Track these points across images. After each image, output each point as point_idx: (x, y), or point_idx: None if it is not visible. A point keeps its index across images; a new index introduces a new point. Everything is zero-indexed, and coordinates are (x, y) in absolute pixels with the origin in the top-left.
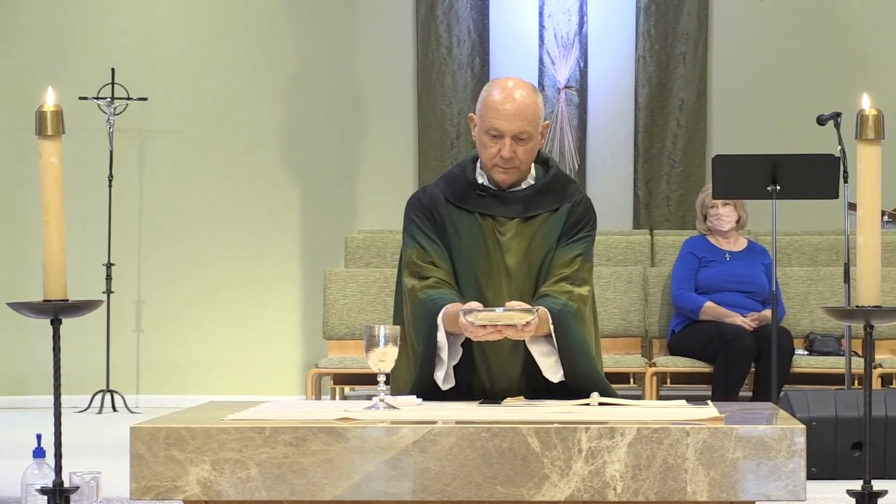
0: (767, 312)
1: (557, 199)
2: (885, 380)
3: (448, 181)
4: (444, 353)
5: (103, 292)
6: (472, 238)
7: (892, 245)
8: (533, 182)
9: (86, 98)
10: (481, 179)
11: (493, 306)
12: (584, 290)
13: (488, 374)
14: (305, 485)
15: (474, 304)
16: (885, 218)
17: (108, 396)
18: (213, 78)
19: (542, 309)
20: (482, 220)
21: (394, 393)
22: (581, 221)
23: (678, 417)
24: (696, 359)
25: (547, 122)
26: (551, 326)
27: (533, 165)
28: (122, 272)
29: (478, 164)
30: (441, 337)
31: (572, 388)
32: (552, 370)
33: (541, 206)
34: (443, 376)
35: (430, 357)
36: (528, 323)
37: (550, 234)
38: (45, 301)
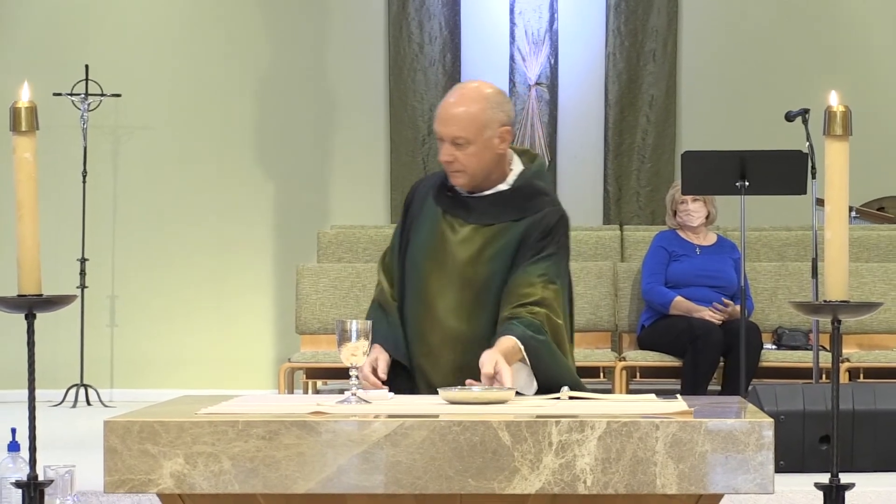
0: (736, 307)
1: (517, 212)
2: (853, 374)
3: (438, 174)
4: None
5: (77, 287)
6: (429, 233)
7: (859, 240)
8: (504, 188)
9: (60, 94)
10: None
11: (432, 303)
12: (546, 311)
13: (424, 372)
14: (278, 478)
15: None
16: (853, 214)
17: (82, 391)
18: (187, 75)
19: (512, 339)
20: (443, 219)
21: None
22: (547, 237)
23: (648, 411)
24: (665, 353)
25: (506, 127)
26: (523, 352)
27: (516, 170)
28: (96, 267)
29: None
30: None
31: (541, 388)
32: (527, 386)
33: (497, 216)
34: None
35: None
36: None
37: (505, 246)
38: (19, 296)
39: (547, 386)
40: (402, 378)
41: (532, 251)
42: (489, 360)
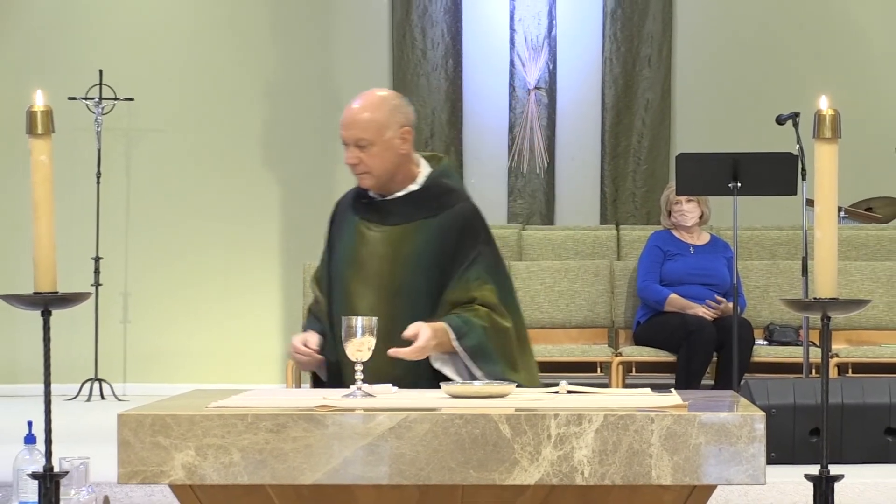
0: (729, 304)
1: (429, 210)
2: (842, 369)
3: (355, 188)
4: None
5: (91, 285)
6: (348, 240)
7: (848, 240)
8: (414, 188)
9: (75, 98)
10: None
11: (355, 305)
12: (497, 315)
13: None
14: (286, 469)
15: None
16: (842, 214)
17: (96, 385)
18: (197, 79)
19: (442, 325)
20: (359, 225)
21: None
22: (467, 239)
23: (643, 405)
24: (660, 349)
25: (406, 128)
26: (455, 343)
27: (424, 172)
28: (110, 265)
29: None
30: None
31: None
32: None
33: (410, 215)
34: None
35: None
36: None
37: (422, 243)
38: (35, 293)
39: (494, 375)
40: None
41: (459, 263)
42: (413, 326)
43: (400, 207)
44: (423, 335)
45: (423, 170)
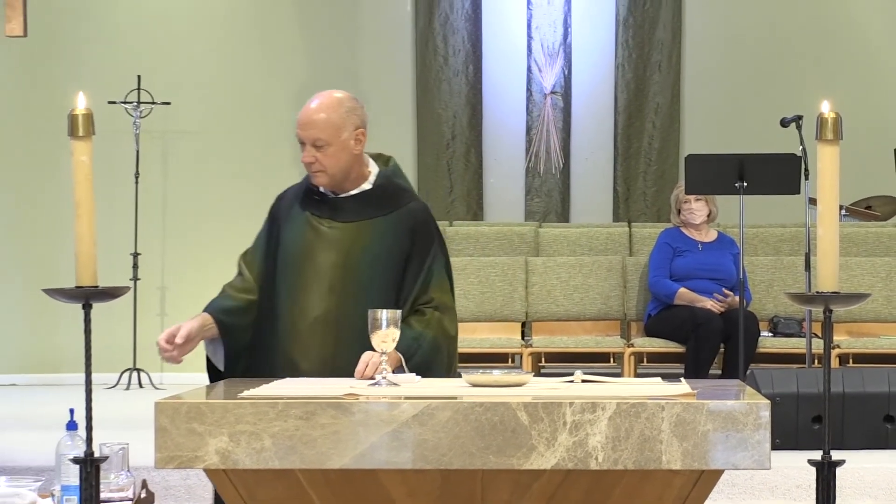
0: (735, 297)
1: (383, 208)
2: (843, 359)
3: (301, 183)
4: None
5: (130, 279)
6: (299, 234)
7: (848, 237)
8: (368, 187)
9: (114, 102)
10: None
11: (305, 298)
12: (440, 315)
13: (291, 357)
14: (315, 455)
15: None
16: (843, 212)
17: (134, 374)
18: (230, 84)
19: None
20: (311, 220)
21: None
22: (425, 244)
23: (654, 393)
24: (670, 340)
25: (360, 129)
26: (404, 365)
27: (374, 171)
28: (148, 261)
29: None
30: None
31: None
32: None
33: (365, 213)
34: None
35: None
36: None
37: (374, 239)
38: (77, 287)
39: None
40: (262, 363)
41: (417, 262)
42: (363, 359)
43: (353, 205)
44: (368, 359)
45: (373, 169)
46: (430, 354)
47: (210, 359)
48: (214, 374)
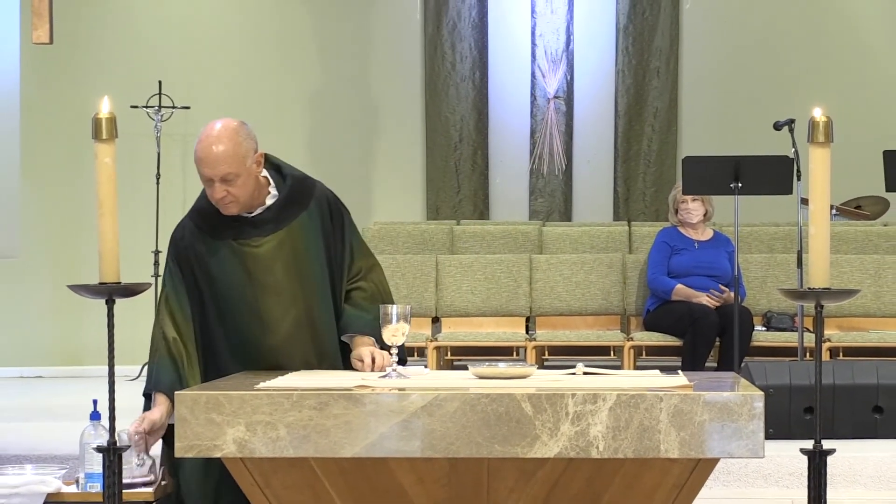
0: (730, 293)
1: (302, 204)
2: (833, 352)
3: (201, 216)
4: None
5: (151, 276)
6: (230, 264)
7: (839, 235)
8: (276, 194)
9: (136, 107)
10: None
11: (266, 313)
12: (375, 275)
13: (269, 353)
14: (328, 444)
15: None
16: (834, 211)
17: None
18: (247, 89)
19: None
20: (238, 246)
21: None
22: (339, 219)
23: (653, 385)
24: (668, 334)
25: (260, 153)
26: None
27: (270, 179)
28: None
29: None
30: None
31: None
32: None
33: (289, 216)
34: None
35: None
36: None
37: (307, 234)
38: (100, 284)
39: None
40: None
41: (338, 236)
42: (366, 354)
43: (275, 214)
44: (376, 360)
45: (264, 172)
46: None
47: None
48: None
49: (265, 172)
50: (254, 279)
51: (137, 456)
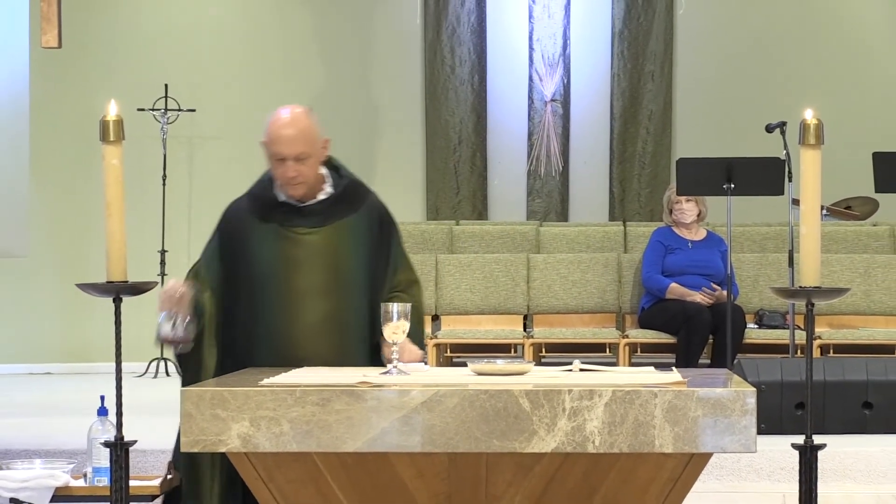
0: (723, 292)
1: (353, 205)
2: (824, 349)
3: (253, 199)
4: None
5: (158, 275)
6: (271, 247)
7: (829, 235)
8: (331, 191)
9: (143, 109)
10: (282, 197)
11: (298, 302)
12: (415, 292)
13: (289, 362)
14: (330, 439)
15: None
16: (824, 212)
17: (161, 363)
18: (251, 92)
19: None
20: (283, 230)
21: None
22: (388, 230)
23: (647, 381)
24: (662, 331)
25: (327, 138)
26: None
27: (328, 176)
28: (174, 258)
29: (275, 183)
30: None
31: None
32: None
33: (338, 213)
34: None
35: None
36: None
37: (354, 237)
38: (108, 282)
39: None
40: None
41: (385, 247)
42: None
43: (327, 208)
44: (415, 355)
45: (322, 170)
46: (420, 334)
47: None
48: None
49: (324, 170)
50: (292, 266)
51: (170, 319)
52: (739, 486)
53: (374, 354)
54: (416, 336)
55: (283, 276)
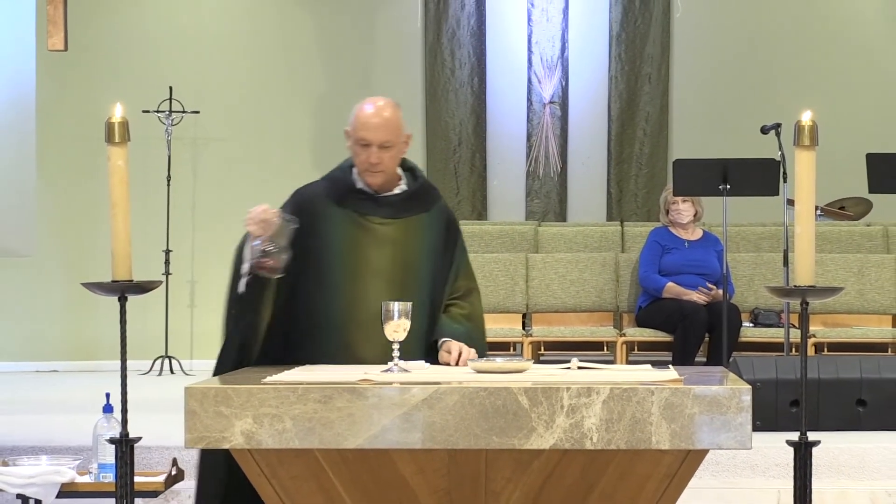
0: (719, 291)
1: (425, 205)
2: (818, 347)
3: (331, 182)
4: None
5: (163, 274)
6: (343, 231)
7: (823, 235)
8: (405, 188)
9: (148, 111)
10: (360, 184)
11: (363, 291)
12: (474, 301)
13: (348, 343)
14: (332, 436)
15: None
16: (818, 212)
17: (166, 361)
18: (255, 95)
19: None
20: (357, 217)
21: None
22: (454, 236)
23: (644, 379)
24: (659, 330)
25: (409, 133)
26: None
27: (403, 175)
28: (179, 257)
29: (354, 171)
30: (246, 259)
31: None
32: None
33: (411, 209)
34: (242, 284)
35: (237, 273)
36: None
37: (423, 235)
38: (113, 281)
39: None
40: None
41: (449, 252)
42: (454, 347)
43: (402, 203)
44: (464, 352)
45: (398, 170)
46: (482, 341)
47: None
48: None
49: (399, 171)
50: (363, 252)
51: (271, 243)
52: (735, 482)
53: (428, 353)
54: (479, 344)
55: (353, 259)
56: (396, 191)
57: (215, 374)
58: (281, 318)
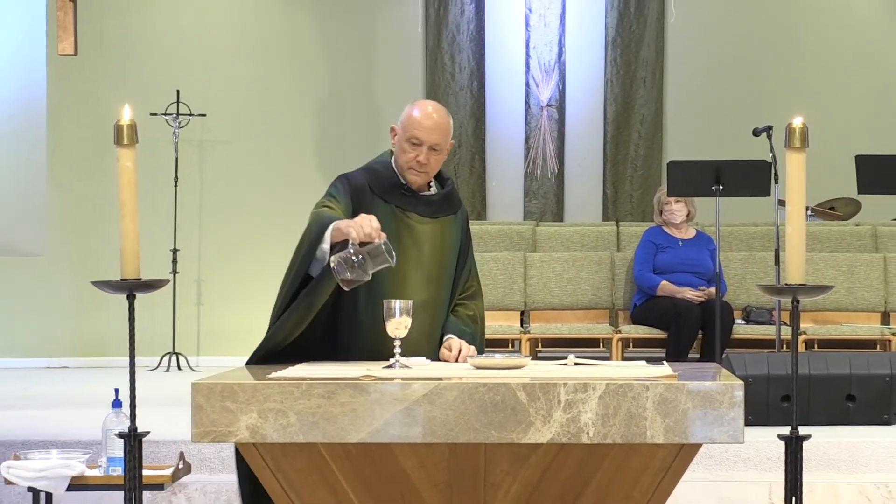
0: (712, 289)
1: (454, 206)
2: (809, 344)
3: (373, 174)
4: (323, 252)
5: (170, 273)
6: (390, 228)
7: (814, 234)
8: (441, 189)
9: (156, 114)
10: (402, 180)
11: (402, 283)
12: (479, 303)
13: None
14: (335, 430)
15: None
16: (809, 212)
17: (173, 358)
18: (260, 98)
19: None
20: (400, 212)
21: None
22: (469, 238)
23: (639, 375)
24: (653, 327)
25: (453, 141)
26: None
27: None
28: (186, 256)
29: (394, 167)
30: (326, 240)
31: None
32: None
33: (446, 210)
34: (318, 269)
35: (308, 257)
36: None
37: (454, 233)
38: (122, 280)
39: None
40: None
41: (464, 253)
42: (455, 344)
43: (440, 203)
44: (464, 350)
45: None
46: (482, 340)
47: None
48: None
49: None
50: (404, 247)
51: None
52: (727, 475)
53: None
54: (480, 344)
55: (397, 253)
56: (433, 192)
57: (258, 351)
58: (326, 306)
